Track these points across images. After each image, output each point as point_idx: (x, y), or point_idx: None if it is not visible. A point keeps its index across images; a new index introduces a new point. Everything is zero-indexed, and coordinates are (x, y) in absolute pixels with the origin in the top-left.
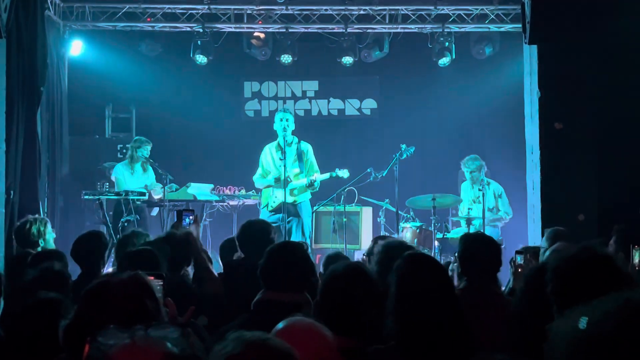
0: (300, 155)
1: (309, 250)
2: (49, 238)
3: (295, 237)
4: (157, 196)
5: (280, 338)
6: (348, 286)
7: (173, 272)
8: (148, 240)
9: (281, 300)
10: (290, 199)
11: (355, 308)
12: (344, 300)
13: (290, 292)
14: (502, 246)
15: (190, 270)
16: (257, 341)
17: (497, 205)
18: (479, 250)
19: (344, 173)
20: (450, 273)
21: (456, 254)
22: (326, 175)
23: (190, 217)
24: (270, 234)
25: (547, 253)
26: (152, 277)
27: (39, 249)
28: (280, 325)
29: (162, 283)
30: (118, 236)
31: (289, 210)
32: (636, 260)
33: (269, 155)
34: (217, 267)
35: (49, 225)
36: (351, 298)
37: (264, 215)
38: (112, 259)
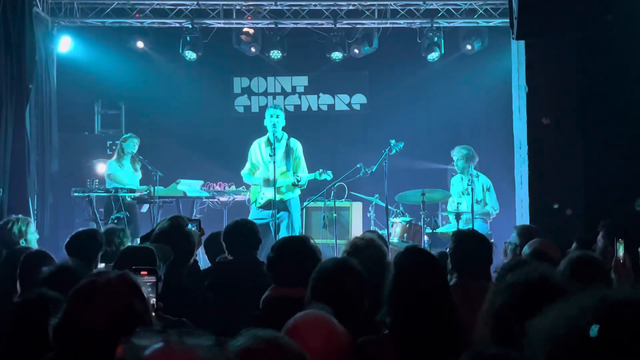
0: (288, 153)
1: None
2: (32, 238)
3: (284, 233)
4: None
5: (296, 329)
6: (338, 281)
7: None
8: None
9: (291, 296)
10: (277, 197)
11: (346, 302)
12: (335, 295)
13: (301, 288)
14: (491, 241)
15: None
16: (269, 338)
17: (484, 199)
18: (471, 247)
19: (326, 175)
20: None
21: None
22: (310, 176)
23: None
24: (257, 235)
25: (527, 250)
26: (144, 273)
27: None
28: (293, 318)
29: (154, 280)
30: None
31: (278, 206)
32: (620, 254)
33: (257, 150)
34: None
35: (31, 226)
36: (342, 292)
37: (254, 211)
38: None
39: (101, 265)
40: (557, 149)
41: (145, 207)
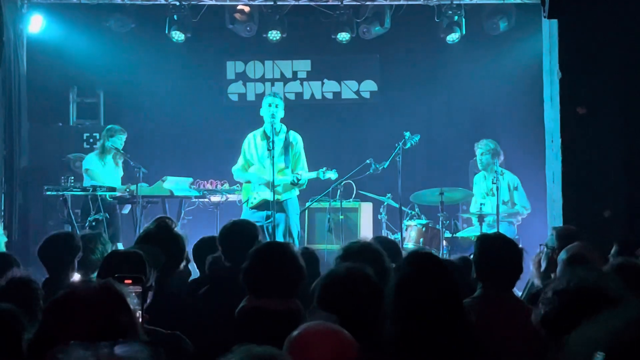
0: (287, 148)
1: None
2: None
3: (280, 238)
4: None
5: (303, 339)
6: (350, 291)
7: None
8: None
9: (268, 308)
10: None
11: (358, 314)
12: (346, 305)
13: (279, 299)
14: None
15: None
16: (265, 356)
17: (512, 199)
18: (498, 253)
19: (331, 174)
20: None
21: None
22: (312, 174)
23: None
24: (258, 238)
25: (564, 255)
26: (129, 281)
27: None
28: (296, 330)
29: (140, 289)
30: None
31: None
32: None
33: (252, 144)
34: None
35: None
36: (354, 303)
37: (246, 212)
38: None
39: (77, 276)
40: (594, 142)
41: (127, 208)
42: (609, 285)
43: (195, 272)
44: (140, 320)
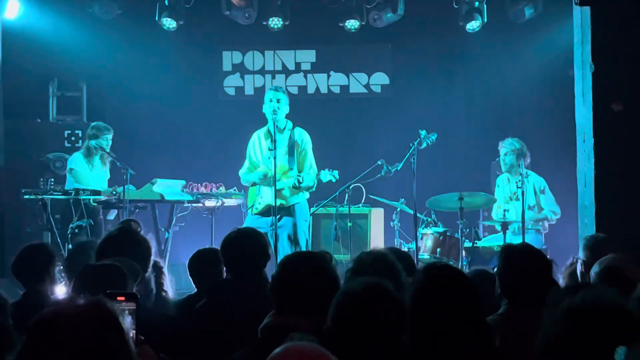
0: (292, 147)
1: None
2: None
3: (285, 246)
4: None
5: None
6: (368, 311)
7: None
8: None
9: (297, 327)
10: (279, 201)
11: (379, 336)
12: (366, 327)
13: (309, 317)
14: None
15: None
16: None
17: (538, 203)
18: (525, 265)
19: (331, 175)
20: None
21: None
22: (313, 175)
23: None
24: (266, 249)
25: (597, 268)
26: (122, 298)
27: None
28: (278, 350)
29: (134, 307)
30: (67, 246)
31: (281, 212)
32: None
33: (257, 144)
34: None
35: None
36: (376, 324)
37: (250, 218)
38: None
39: (62, 288)
40: (631, 141)
41: (112, 214)
42: (626, 304)
43: (190, 286)
44: (134, 342)
